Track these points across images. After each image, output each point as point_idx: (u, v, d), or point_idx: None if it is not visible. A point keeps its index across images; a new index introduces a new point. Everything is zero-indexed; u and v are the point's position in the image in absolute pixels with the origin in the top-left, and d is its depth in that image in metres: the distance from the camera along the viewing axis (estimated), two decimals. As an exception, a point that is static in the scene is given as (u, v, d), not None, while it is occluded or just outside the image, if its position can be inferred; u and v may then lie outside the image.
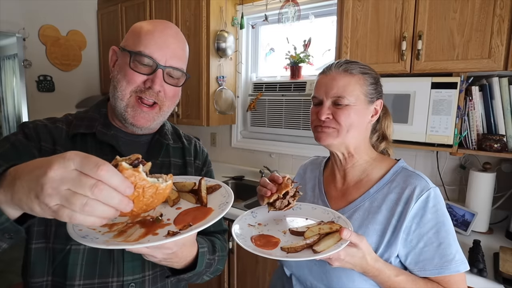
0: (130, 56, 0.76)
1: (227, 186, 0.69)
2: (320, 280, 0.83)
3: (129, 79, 0.76)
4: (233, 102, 2.56)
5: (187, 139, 0.97)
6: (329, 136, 0.84)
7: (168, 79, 0.79)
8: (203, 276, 0.85)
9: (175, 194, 0.67)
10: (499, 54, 1.35)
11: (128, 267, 0.76)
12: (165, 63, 0.77)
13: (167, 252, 0.60)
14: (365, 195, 0.85)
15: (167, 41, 0.78)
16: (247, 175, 2.64)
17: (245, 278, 1.97)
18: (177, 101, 0.86)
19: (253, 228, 0.79)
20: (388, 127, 0.96)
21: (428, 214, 0.78)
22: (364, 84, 0.84)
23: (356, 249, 0.69)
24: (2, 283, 2.40)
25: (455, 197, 1.82)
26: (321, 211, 0.85)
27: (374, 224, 0.81)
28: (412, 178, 0.82)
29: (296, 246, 0.68)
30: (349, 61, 0.87)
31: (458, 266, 0.76)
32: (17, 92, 3.40)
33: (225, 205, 0.60)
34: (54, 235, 0.72)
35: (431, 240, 0.77)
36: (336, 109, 0.83)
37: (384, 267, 0.75)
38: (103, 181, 0.42)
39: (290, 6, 2.23)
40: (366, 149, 0.90)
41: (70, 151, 0.43)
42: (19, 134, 0.75)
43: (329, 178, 0.97)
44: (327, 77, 0.85)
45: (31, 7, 2.67)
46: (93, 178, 0.41)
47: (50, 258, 0.73)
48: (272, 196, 0.77)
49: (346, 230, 0.67)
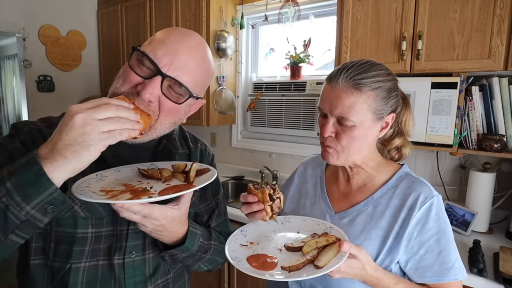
0: (132, 52, 0.68)
1: (215, 169, 0.73)
2: (319, 281, 0.82)
3: (125, 76, 0.68)
4: (233, 102, 2.56)
5: (194, 142, 0.92)
6: (332, 156, 0.82)
7: (166, 92, 0.67)
8: (200, 264, 0.84)
9: (168, 173, 0.71)
10: (499, 54, 1.35)
11: (130, 283, 0.74)
12: (167, 71, 0.65)
13: (155, 223, 0.65)
14: (369, 199, 0.84)
15: (181, 49, 0.67)
16: (247, 175, 2.64)
17: (245, 278, 1.97)
18: (178, 119, 0.74)
19: (246, 248, 0.76)
20: (407, 122, 0.87)
21: (431, 222, 0.77)
22: (373, 102, 0.75)
23: (356, 260, 0.69)
24: (2, 283, 2.39)
25: (455, 197, 1.82)
26: (311, 223, 0.84)
27: (377, 229, 0.80)
28: (416, 184, 0.81)
29: (297, 264, 0.67)
30: (361, 69, 0.76)
31: (457, 274, 0.77)
32: (17, 92, 3.40)
33: (206, 181, 0.66)
34: (54, 253, 0.71)
35: (432, 247, 0.77)
36: (340, 129, 0.78)
37: (384, 276, 0.74)
38: (111, 103, 0.55)
39: (290, 6, 2.23)
40: (372, 156, 0.87)
41: (71, 106, 0.53)
42: (16, 142, 0.70)
43: (331, 178, 0.95)
44: (333, 92, 0.77)
45: (31, 7, 2.67)
46: (104, 104, 0.54)
47: (49, 275, 0.71)
48: (267, 210, 0.75)
49: (346, 243, 0.67)
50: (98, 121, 0.52)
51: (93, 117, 0.52)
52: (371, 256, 0.78)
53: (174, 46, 0.67)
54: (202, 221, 0.90)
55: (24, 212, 0.54)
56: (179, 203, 0.67)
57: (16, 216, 0.54)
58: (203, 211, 0.91)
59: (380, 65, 0.79)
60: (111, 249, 0.73)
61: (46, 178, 0.53)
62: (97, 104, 0.54)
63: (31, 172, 0.53)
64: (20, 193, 0.53)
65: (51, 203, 0.55)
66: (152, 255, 0.78)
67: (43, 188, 0.53)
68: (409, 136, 0.89)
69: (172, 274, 0.84)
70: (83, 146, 0.52)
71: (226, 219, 0.97)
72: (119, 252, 0.73)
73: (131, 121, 0.57)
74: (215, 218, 0.92)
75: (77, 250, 0.70)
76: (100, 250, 0.73)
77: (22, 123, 0.74)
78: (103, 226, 0.73)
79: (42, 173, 0.52)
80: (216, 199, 0.93)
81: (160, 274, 0.80)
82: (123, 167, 0.74)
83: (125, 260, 0.74)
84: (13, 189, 0.53)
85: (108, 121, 0.53)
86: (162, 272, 0.81)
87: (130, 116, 0.57)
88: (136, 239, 0.75)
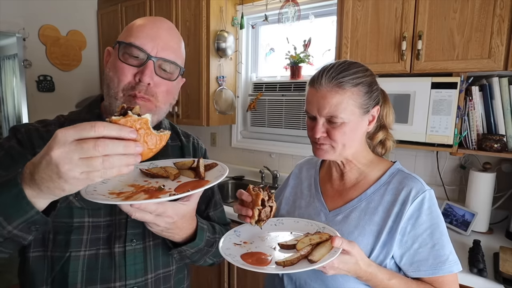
0: (119, 48, 0.74)
1: (223, 164, 0.73)
2: (315, 279, 0.83)
3: (120, 73, 0.73)
4: (233, 102, 2.56)
5: (185, 137, 0.95)
6: (326, 152, 0.84)
7: (160, 72, 0.75)
8: (206, 258, 0.85)
9: (175, 170, 0.70)
10: (499, 54, 1.35)
11: (131, 270, 0.75)
12: (156, 54, 0.73)
13: (168, 221, 0.63)
14: (362, 196, 0.86)
15: (159, 32, 0.75)
16: (247, 175, 2.64)
17: (245, 278, 1.97)
18: (172, 99, 0.82)
19: (240, 247, 0.77)
20: (387, 115, 0.92)
21: (423, 216, 0.79)
22: (357, 97, 0.79)
23: (349, 256, 0.70)
24: (2, 283, 2.40)
25: (455, 197, 1.82)
26: (304, 224, 0.85)
27: (371, 225, 0.81)
28: (408, 180, 0.83)
29: (292, 259, 0.68)
30: (340, 68, 0.80)
31: (452, 267, 0.77)
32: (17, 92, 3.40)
33: (220, 176, 0.65)
34: (52, 243, 0.71)
35: (426, 241, 0.78)
36: (331, 128, 0.80)
37: (377, 271, 0.75)
38: (104, 136, 0.46)
39: (290, 6, 2.23)
40: (363, 153, 0.89)
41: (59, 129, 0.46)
42: (12, 140, 0.73)
43: (325, 177, 0.97)
44: (318, 94, 0.80)
45: (31, 7, 2.67)
46: (92, 138, 0.45)
47: (49, 266, 0.72)
48: (254, 214, 0.75)
49: (338, 239, 0.68)
50: (78, 161, 0.45)
51: (72, 157, 0.44)
52: (366, 251, 0.79)
53: (154, 31, 0.75)
54: (200, 210, 0.92)
55: (6, 231, 0.53)
56: (190, 199, 0.68)
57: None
58: (200, 201, 0.92)
59: (357, 63, 0.83)
60: (111, 238, 0.74)
61: (26, 202, 0.51)
62: (85, 136, 0.45)
63: (11, 194, 0.51)
64: (1, 212, 0.52)
65: (34, 223, 0.54)
66: (153, 243, 0.79)
67: (22, 211, 0.52)
68: (390, 128, 0.93)
69: (175, 266, 0.85)
70: (57, 185, 0.47)
71: (223, 210, 0.99)
72: (120, 241, 0.75)
73: (126, 156, 0.47)
74: (212, 207, 0.94)
75: (75, 239, 0.71)
76: (100, 239, 0.74)
77: (20, 125, 0.77)
78: (101, 216, 0.74)
79: (22, 196, 0.50)
80: (212, 189, 0.95)
81: (162, 264, 0.81)
82: None
83: (126, 248, 0.75)
84: None
85: (90, 161, 0.45)
86: (164, 263, 0.82)
87: (128, 150, 0.47)
88: (135, 227, 0.77)
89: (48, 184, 0.48)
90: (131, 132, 0.48)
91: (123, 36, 0.77)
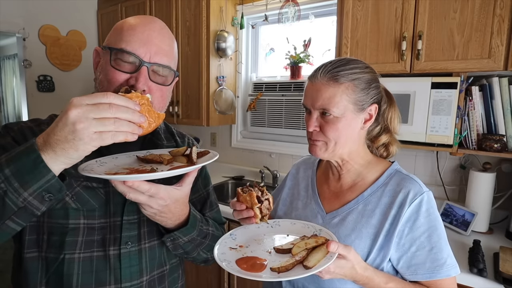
0: (111, 54, 0.71)
1: (215, 152, 0.75)
2: (312, 282, 0.82)
3: (110, 78, 0.71)
4: (233, 102, 2.56)
5: (180, 137, 0.95)
6: (319, 149, 0.83)
7: (154, 77, 0.73)
8: (199, 251, 0.84)
9: (169, 156, 0.73)
10: (499, 54, 1.35)
11: (126, 273, 0.75)
12: (149, 60, 0.71)
13: (161, 203, 0.65)
14: (359, 198, 0.84)
15: (151, 36, 0.72)
16: (247, 175, 2.64)
17: (245, 279, 1.96)
18: (167, 103, 0.80)
19: (235, 251, 0.76)
20: (392, 119, 0.89)
21: (421, 219, 0.77)
22: (353, 92, 0.78)
23: (345, 261, 0.69)
24: (2, 283, 2.40)
25: (455, 197, 1.82)
26: (301, 226, 0.84)
27: (368, 228, 0.80)
28: (405, 181, 0.82)
29: (287, 265, 0.67)
30: (338, 63, 0.80)
31: (449, 271, 0.76)
32: (17, 92, 3.40)
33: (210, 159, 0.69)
34: (47, 244, 0.71)
35: (423, 244, 0.77)
36: (324, 122, 0.80)
37: (374, 275, 0.74)
38: (114, 103, 0.52)
39: (290, 6, 2.23)
40: (361, 153, 0.87)
41: (73, 97, 0.52)
42: (7, 137, 0.72)
43: (322, 178, 0.96)
44: (313, 86, 0.81)
45: (31, 7, 2.67)
46: (105, 103, 0.51)
47: (44, 267, 0.72)
48: (256, 213, 0.75)
49: (333, 243, 0.67)
50: (93, 120, 0.50)
51: (88, 116, 0.50)
52: (363, 254, 0.78)
53: (146, 35, 0.72)
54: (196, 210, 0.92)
55: (21, 199, 0.55)
56: (182, 184, 0.69)
57: (13, 202, 0.54)
58: (195, 202, 0.93)
59: (357, 60, 0.83)
60: (105, 241, 0.74)
61: (44, 165, 0.53)
62: (98, 102, 0.51)
63: (29, 159, 0.53)
64: (18, 179, 0.54)
65: (48, 191, 0.56)
66: (148, 245, 0.79)
67: (40, 175, 0.54)
68: (396, 133, 0.91)
69: (169, 266, 0.85)
70: (71, 145, 0.51)
71: (219, 210, 0.99)
72: (115, 243, 0.74)
73: (132, 123, 0.54)
74: (208, 208, 0.94)
75: (69, 241, 0.71)
76: (94, 241, 0.74)
77: (12, 123, 0.77)
78: (95, 218, 0.74)
79: (40, 161, 0.53)
80: (207, 189, 0.96)
81: (156, 265, 0.81)
82: (120, 155, 0.76)
83: (121, 251, 0.75)
84: (11, 175, 0.54)
85: (104, 121, 0.51)
86: (158, 264, 0.82)
87: (134, 118, 0.54)
88: (130, 229, 0.76)
89: (63, 145, 0.52)
90: (135, 104, 0.56)
91: (113, 39, 0.74)
